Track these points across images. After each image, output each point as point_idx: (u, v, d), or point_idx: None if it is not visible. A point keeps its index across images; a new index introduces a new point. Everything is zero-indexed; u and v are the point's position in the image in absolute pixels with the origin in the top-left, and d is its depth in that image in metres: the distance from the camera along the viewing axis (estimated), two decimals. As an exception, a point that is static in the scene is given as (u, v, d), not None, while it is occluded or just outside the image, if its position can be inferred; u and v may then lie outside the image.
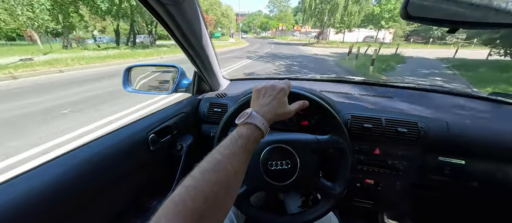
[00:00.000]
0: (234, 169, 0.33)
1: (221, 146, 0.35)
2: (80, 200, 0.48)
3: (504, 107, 0.89)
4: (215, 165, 0.31)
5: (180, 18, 0.57)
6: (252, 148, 0.39)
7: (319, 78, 1.28)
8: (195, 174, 0.30)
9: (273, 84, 0.49)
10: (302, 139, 0.58)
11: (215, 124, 0.92)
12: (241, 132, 0.39)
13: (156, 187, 0.75)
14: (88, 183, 0.49)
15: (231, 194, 0.32)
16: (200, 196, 0.27)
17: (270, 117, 0.44)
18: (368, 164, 0.77)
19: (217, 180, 0.30)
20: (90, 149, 0.54)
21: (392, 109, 0.79)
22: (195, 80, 0.97)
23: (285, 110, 0.47)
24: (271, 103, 0.45)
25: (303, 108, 0.52)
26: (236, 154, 0.34)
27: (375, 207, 0.89)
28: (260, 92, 0.48)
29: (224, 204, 0.30)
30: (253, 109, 0.44)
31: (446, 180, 0.74)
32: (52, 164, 0.48)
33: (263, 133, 0.42)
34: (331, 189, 0.57)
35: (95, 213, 0.53)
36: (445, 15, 0.45)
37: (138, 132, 0.65)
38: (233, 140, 0.36)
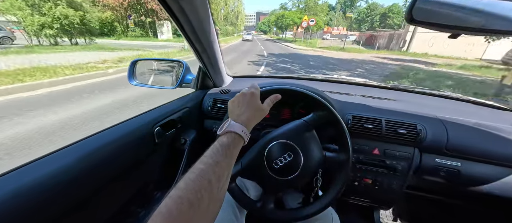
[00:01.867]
0: (217, 175, 0.35)
1: (204, 156, 0.38)
2: (87, 190, 0.49)
3: (499, 113, 0.91)
4: (198, 174, 0.34)
5: (191, 14, 0.58)
6: (234, 154, 0.43)
7: (320, 78, 1.30)
8: (180, 184, 0.32)
9: (243, 92, 0.53)
10: (291, 127, 0.60)
11: (217, 120, 0.93)
12: (222, 141, 0.42)
13: (160, 179, 0.77)
14: (95, 173, 0.51)
15: (216, 198, 0.35)
16: (185, 204, 0.29)
17: (250, 123, 0.49)
18: (366, 163, 0.79)
19: (200, 188, 0.32)
20: (99, 139, 0.55)
21: (393, 111, 0.80)
22: (200, 76, 0.98)
23: (260, 111, 0.52)
24: (247, 110, 0.50)
25: (277, 100, 0.57)
26: (219, 162, 0.37)
27: (371, 205, 0.91)
28: (234, 103, 0.53)
29: (210, 209, 0.33)
30: (232, 119, 0.48)
31: (442, 181, 0.76)
32: (61, 153, 0.49)
33: (244, 139, 0.46)
34: (337, 158, 0.58)
35: (101, 202, 0.55)
36: (449, 20, 0.47)
37: (144, 124, 0.67)
38: (214, 149, 0.40)
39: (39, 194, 0.40)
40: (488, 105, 0.97)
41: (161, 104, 0.83)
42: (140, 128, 0.65)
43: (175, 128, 0.79)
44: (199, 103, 0.95)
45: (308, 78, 1.30)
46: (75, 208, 0.47)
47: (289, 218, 0.60)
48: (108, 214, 0.58)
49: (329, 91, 0.98)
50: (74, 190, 0.46)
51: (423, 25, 0.48)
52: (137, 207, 0.68)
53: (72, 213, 0.46)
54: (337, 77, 1.31)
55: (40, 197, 0.40)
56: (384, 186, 0.80)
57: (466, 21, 0.47)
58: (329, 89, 1.01)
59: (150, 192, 0.73)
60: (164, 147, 0.77)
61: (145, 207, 0.69)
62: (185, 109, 0.86)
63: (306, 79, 1.28)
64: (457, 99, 1.03)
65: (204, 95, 0.97)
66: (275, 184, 0.57)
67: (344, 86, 1.16)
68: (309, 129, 0.59)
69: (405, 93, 1.09)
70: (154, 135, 0.68)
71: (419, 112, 0.79)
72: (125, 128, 0.63)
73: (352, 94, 0.99)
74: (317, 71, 7.85)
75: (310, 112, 0.83)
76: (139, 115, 0.71)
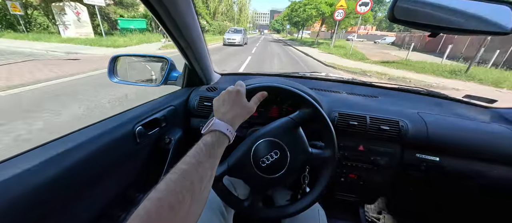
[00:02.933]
0: (200, 175, 0.34)
1: (187, 156, 0.37)
2: (61, 195, 0.46)
3: (474, 109, 0.96)
4: (180, 175, 0.32)
5: (172, 8, 0.55)
6: (218, 153, 0.42)
7: (309, 76, 1.31)
8: (160, 186, 0.31)
9: (228, 90, 0.52)
10: (277, 125, 0.60)
11: (205, 118, 0.91)
12: (206, 140, 0.41)
13: (143, 180, 0.74)
14: (70, 176, 0.47)
15: (199, 199, 0.33)
16: (165, 206, 0.28)
17: (235, 121, 0.48)
18: (352, 160, 0.81)
19: (182, 189, 0.31)
20: (72, 140, 0.51)
21: (377, 108, 0.82)
22: (185, 73, 0.95)
23: (246, 109, 0.51)
24: (232, 108, 0.49)
25: (264, 98, 0.56)
26: (202, 162, 0.36)
27: (357, 200, 0.94)
28: (219, 101, 0.52)
29: (192, 210, 0.31)
30: (217, 117, 0.47)
31: (422, 175, 0.79)
32: (28, 155, 0.45)
33: (229, 138, 0.45)
34: (322, 154, 0.58)
35: (78, 207, 0.51)
36: (429, 20, 0.48)
37: (124, 123, 0.64)
38: (198, 149, 0.38)
39: (2, 201, 0.37)
40: (464, 102, 1.02)
41: (144, 103, 0.79)
42: (119, 127, 0.62)
43: (159, 127, 0.76)
44: (185, 101, 0.92)
45: (297, 76, 1.30)
46: (46, 215, 0.44)
47: (276, 215, 0.59)
48: (87, 219, 0.55)
49: (317, 88, 0.99)
50: (45, 195, 0.43)
51: (404, 24, 0.49)
52: (118, 210, 0.65)
53: (44, 220, 0.43)
54: (325, 75, 1.32)
55: (4, 205, 0.37)
56: (369, 181, 0.83)
57: (445, 21, 0.49)
58: (317, 86, 1.02)
59: (132, 194, 0.70)
60: (147, 147, 0.74)
61: (127, 210, 0.66)
62: (170, 107, 0.83)
63: (295, 77, 1.28)
64: (437, 96, 1.08)
65: (191, 93, 0.94)
66: (262, 182, 0.57)
67: (331, 84, 1.18)
68: (295, 126, 0.59)
69: (389, 90, 1.13)
70: (136, 135, 0.65)
71: (401, 109, 0.82)
72: (102, 127, 0.59)
73: (339, 92, 1.01)
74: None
75: (280, 108, 0.84)
76: (118, 113, 0.68)
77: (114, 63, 0.87)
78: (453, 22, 0.49)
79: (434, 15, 0.49)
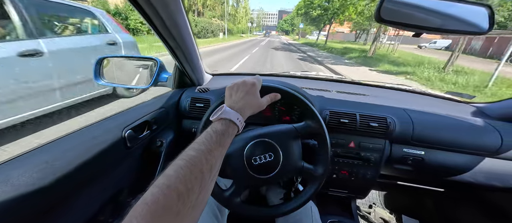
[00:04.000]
0: (210, 164, 0.33)
1: (196, 143, 0.35)
2: (48, 202, 0.44)
3: (456, 105, 1.01)
4: (189, 161, 0.31)
5: (161, 8, 0.54)
6: (227, 142, 0.40)
7: (299, 75, 1.32)
8: (169, 172, 0.29)
9: (244, 80, 0.51)
10: (280, 129, 0.60)
11: (197, 119, 0.90)
12: (216, 128, 0.39)
13: (134, 185, 0.72)
14: (57, 184, 0.45)
15: (206, 189, 0.32)
16: (174, 194, 0.26)
17: (245, 111, 0.46)
18: (343, 156, 0.83)
19: (191, 177, 0.29)
20: (58, 147, 0.49)
21: (366, 106, 0.85)
22: (176, 74, 0.94)
23: (258, 104, 0.50)
24: (244, 98, 0.48)
25: (276, 100, 0.56)
26: (211, 150, 0.34)
27: (349, 195, 0.97)
28: (233, 89, 0.50)
29: (199, 200, 0.30)
30: (227, 105, 0.45)
31: (409, 169, 0.82)
32: (11, 163, 0.43)
33: (238, 127, 0.43)
34: (314, 171, 0.59)
35: (67, 215, 0.49)
36: (412, 20, 0.50)
37: (113, 128, 0.62)
38: (208, 136, 0.37)
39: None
40: (446, 98, 1.08)
41: (133, 106, 0.77)
42: (109, 132, 0.60)
43: (150, 130, 0.74)
44: (176, 102, 0.91)
45: (287, 75, 1.32)
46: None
47: (255, 214, 0.60)
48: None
49: (307, 87, 1.00)
50: (29, 203, 0.41)
51: (390, 24, 0.51)
52: (109, 216, 0.63)
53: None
54: (315, 74, 1.34)
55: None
56: (360, 176, 0.85)
57: (427, 21, 0.51)
58: (307, 86, 1.04)
59: (123, 200, 0.69)
60: (138, 150, 0.72)
61: (118, 216, 0.64)
62: (161, 109, 0.82)
63: (285, 77, 1.30)
64: (422, 93, 1.13)
65: (182, 94, 0.92)
66: (247, 178, 0.57)
67: (322, 82, 1.20)
68: (296, 136, 0.60)
69: (377, 88, 1.16)
70: (125, 139, 0.63)
71: (389, 106, 0.85)
72: (91, 132, 0.57)
73: (329, 90, 1.03)
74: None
75: (291, 111, 0.85)
76: (107, 117, 0.66)
77: (100, 65, 0.83)
78: (435, 23, 0.51)
79: (417, 16, 0.51)
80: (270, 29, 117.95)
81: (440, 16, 0.52)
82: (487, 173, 0.78)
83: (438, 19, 0.52)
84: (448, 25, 0.52)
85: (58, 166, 0.46)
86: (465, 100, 1.04)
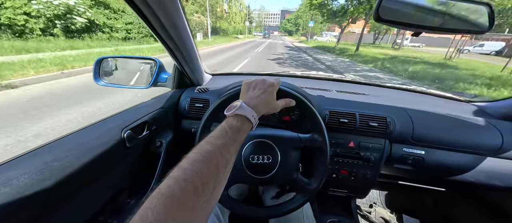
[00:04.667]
0: (225, 159, 0.32)
1: (211, 137, 0.34)
2: (48, 203, 0.45)
3: (457, 104, 1.01)
4: (205, 155, 0.30)
5: (158, 9, 0.54)
6: (242, 139, 0.39)
7: (299, 75, 1.32)
8: (184, 165, 0.28)
9: (264, 79, 0.51)
10: (285, 136, 0.60)
11: (196, 120, 0.90)
12: (231, 123, 0.39)
13: (134, 185, 0.72)
14: (57, 185, 0.45)
15: (221, 185, 0.32)
16: (190, 187, 0.26)
17: (260, 110, 0.45)
18: (343, 156, 0.82)
19: (207, 171, 0.29)
20: (58, 148, 0.49)
21: (365, 105, 0.85)
22: (175, 75, 0.94)
23: (273, 105, 0.50)
24: (261, 97, 0.47)
25: (289, 106, 0.55)
26: (227, 145, 0.34)
27: (348, 195, 0.96)
28: (251, 85, 0.50)
29: (213, 196, 0.29)
30: (243, 101, 0.44)
31: (409, 168, 0.82)
32: (11, 164, 0.43)
33: (253, 125, 0.42)
34: (307, 185, 0.59)
35: (66, 215, 0.50)
36: (411, 19, 0.50)
37: (113, 129, 0.62)
38: (223, 131, 0.36)
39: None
40: (447, 97, 1.07)
41: (133, 106, 0.77)
42: (108, 132, 0.60)
43: (149, 131, 0.74)
44: (175, 103, 0.91)
45: (287, 75, 1.31)
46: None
47: (253, 214, 0.60)
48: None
49: (307, 87, 1.00)
50: (29, 204, 0.41)
51: (389, 24, 0.51)
52: (108, 217, 0.63)
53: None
54: (315, 74, 1.34)
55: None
56: (360, 176, 0.85)
57: (426, 21, 0.51)
58: (308, 85, 1.04)
59: (123, 200, 0.69)
60: (138, 151, 0.72)
61: (118, 216, 0.65)
62: (160, 110, 0.82)
63: (286, 76, 1.29)
64: (421, 92, 1.12)
65: (181, 95, 0.93)
66: (240, 174, 0.57)
67: (321, 82, 1.19)
68: (298, 146, 0.60)
69: (377, 88, 1.16)
70: (125, 139, 0.63)
71: (389, 106, 0.85)
72: (90, 133, 0.57)
73: (329, 90, 1.02)
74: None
75: (291, 111, 0.85)
76: (106, 118, 0.66)
77: (100, 66, 0.84)
78: (434, 22, 0.51)
79: (416, 15, 0.51)
80: (272, 29, 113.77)
81: (440, 15, 0.52)
82: (488, 173, 0.77)
83: (438, 18, 0.51)
84: (447, 24, 0.51)
85: (57, 166, 0.46)
86: (466, 100, 1.03)
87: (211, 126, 0.61)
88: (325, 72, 1.72)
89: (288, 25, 63.26)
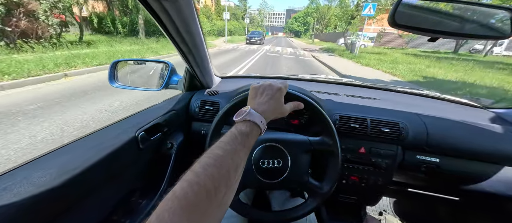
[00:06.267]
0: (235, 164, 0.33)
1: (222, 142, 0.35)
2: (65, 202, 0.46)
3: (473, 111, 0.97)
4: (216, 160, 0.31)
5: (175, 15, 0.55)
6: (251, 144, 0.40)
7: (308, 79, 1.31)
8: (197, 169, 0.29)
9: (271, 83, 0.51)
10: (295, 139, 0.60)
11: (206, 122, 0.91)
12: (241, 129, 0.39)
13: (145, 186, 0.73)
14: (74, 185, 0.47)
15: (231, 189, 0.32)
16: (203, 191, 0.27)
17: (268, 115, 0.45)
18: (353, 162, 0.81)
19: (219, 176, 0.29)
20: (78, 148, 0.51)
21: (377, 110, 0.83)
22: (186, 77, 0.96)
23: (281, 110, 0.49)
24: (269, 102, 0.47)
25: (298, 109, 0.55)
26: (237, 151, 0.35)
27: (358, 201, 0.94)
28: (258, 90, 0.50)
29: (225, 200, 0.30)
30: (251, 107, 0.45)
31: (422, 176, 0.79)
32: (30, 165, 0.45)
33: (261, 131, 0.43)
34: (318, 188, 0.58)
35: (82, 213, 0.51)
36: (428, 24, 0.49)
37: (127, 130, 0.63)
38: (233, 136, 0.37)
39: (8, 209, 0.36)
40: (463, 103, 1.03)
41: (146, 108, 0.79)
42: (123, 133, 0.62)
43: (161, 132, 0.76)
44: (186, 105, 0.92)
45: (296, 78, 1.31)
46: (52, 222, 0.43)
47: (263, 219, 0.60)
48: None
49: (316, 91, 0.99)
50: (46, 205, 0.43)
51: (405, 29, 0.50)
52: (121, 216, 0.64)
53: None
54: (324, 77, 1.33)
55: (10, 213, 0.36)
56: (370, 182, 0.83)
57: (443, 25, 0.50)
58: (316, 89, 1.03)
59: (135, 201, 0.70)
60: (150, 152, 0.74)
61: (130, 216, 0.66)
62: (171, 112, 0.83)
63: (295, 79, 1.29)
64: (435, 98, 1.09)
65: (191, 97, 0.94)
66: (251, 179, 0.57)
67: (331, 86, 1.18)
68: (308, 150, 0.59)
69: (388, 92, 1.14)
70: (138, 140, 0.64)
71: (401, 111, 0.83)
72: (106, 134, 0.59)
73: (339, 94, 1.01)
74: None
75: (300, 114, 0.84)
76: (121, 119, 0.68)
77: (115, 69, 0.86)
78: (451, 27, 0.50)
79: (433, 19, 0.50)
80: (277, 30, 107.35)
81: (457, 19, 0.50)
82: (508, 183, 0.74)
83: (455, 23, 0.50)
84: (465, 29, 0.50)
85: (75, 167, 0.48)
86: (483, 106, 0.99)
87: (222, 129, 0.61)
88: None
89: (295, 24, 53.36)
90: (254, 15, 62.19)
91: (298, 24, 48.53)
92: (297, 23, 49.87)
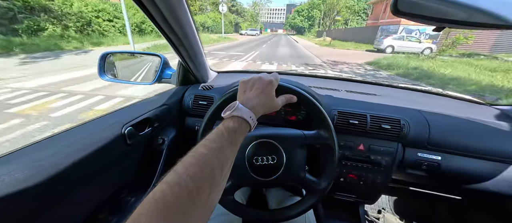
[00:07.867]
0: (221, 163, 0.31)
1: (207, 140, 0.33)
2: (45, 200, 0.44)
3: (476, 107, 0.94)
4: (200, 159, 0.30)
5: (160, 2, 0.52)
6: (239, 141, 0.38)
7: (307, 74, 1.28)
8: (178, 169, 0.28)
9: (261, 77, 0.48)
10: (289, 134, 0.57)
11: (200, 117, 0.88)
12: (228, 125, 0.37)
13: (134, 183, 0.71)
14: (54, 181, 0.44)
15: (217, 189, 0.31)
16: (183, 192, 0.25)
17: (258, 110, 0.43)
18: (352, 159, 0.78)
19: (202, 175, 0.28)
20: (56, 143, 0.48)
21: (377, 106, 0.80)
22: (180, 71, 0.92)
23: (272, 104, 0.47)
24: (259, 96, 0.45)
25: (291, 102, 0.52)
26: (223, 148, 0.33)
27: (357, 200, 0.92)
28: (247, 84, 0.47)
29: (209, 200, 0.28)
30: (240, 102, 0.42)
31: (423, 174, 0.77)
32: (5, 159, 0.42)
33: (251, 126, 0.41)
34: (316, 184, 0.56)
35: (65, 212, 0.49)
36: (433, 13, 0.45)
37: (112, 124, 0.61)
38: (219, 133, 0.35)
39: None
40: (466, 100, 1.00)
41: (135, 102, 0.76)
42: (107, 128, 0.59)
43: (151, 127, 0.73)
44: (179, 100, 0.89)
45: (295, 73, 1.28)
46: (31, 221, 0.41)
47: (260, 218, 0.58)
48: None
49: (316, 86, 0.96)
50: (28, 201, 0.40)
51: (408, 17, 0.46)
52: (107, 214, 0.62)
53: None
54: (324, 73, 1.30)
55: None
56: (369, 181, 0.80)
57: (450, 14, 0.46)
58: (316, 84, 1.00)
59: (123, 198, 0.68)
60: (139, 148, 0.71)
61: (118, 214, 0.64)
62: (163, 106, 0.80)
63: (293, 75, 1.26)
64: (438, 94, 1.06)
65: (185, 92, 0.91)
66: (246, 177, 0.55)
67: (330, 81, 1.15)
68: (303, 144, 0.57)
69: (389, 88, 1.10)
70: (125, 136, 0.62)
71: (403, 107, 0.79)
72: (89, 128, 0.56)
73: (338, 90, 0.98)
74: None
75: (298, 111, 0.81)
76: (106, 113, 0.65)
77: (105, 61, 0.83)
78: (459, 15, 0.46)
79: (439, 8, 0.46)
80: (277, 27, 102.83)
81: (465, 8, 0.47)
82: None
83: (463, 11, 0.47)
84: (474, 18, 0.46)
85: (55, 162, 0.45)
86: (487, 102, 0.96)
87: (214, 124, 0.58)
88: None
89: (297, 19, 44.14)
90: (247, 9, 52.95)
91: (302, 19, 41.25)
92: (300, 17, 42.24)
